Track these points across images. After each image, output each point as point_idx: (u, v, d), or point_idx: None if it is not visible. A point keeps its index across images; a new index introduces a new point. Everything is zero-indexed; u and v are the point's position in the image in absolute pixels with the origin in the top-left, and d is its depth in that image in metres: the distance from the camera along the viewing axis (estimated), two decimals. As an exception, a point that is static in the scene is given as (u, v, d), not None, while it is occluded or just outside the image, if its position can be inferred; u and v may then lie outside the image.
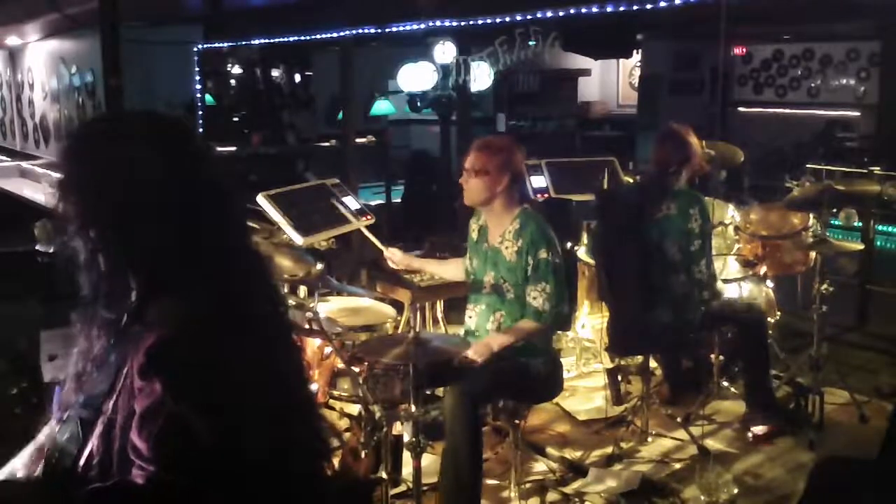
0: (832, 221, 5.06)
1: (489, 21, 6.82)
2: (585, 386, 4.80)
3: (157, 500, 1.32)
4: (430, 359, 2.91)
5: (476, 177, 3.42)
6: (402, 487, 3.46)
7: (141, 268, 1.44)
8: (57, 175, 1.48)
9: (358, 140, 9.42)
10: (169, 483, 1.32)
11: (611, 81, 13.57)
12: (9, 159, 14.59)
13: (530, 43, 6.44)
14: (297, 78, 12.23)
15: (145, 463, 1.33)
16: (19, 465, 1.63)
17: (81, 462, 1.44)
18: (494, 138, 3.61)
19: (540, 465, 3.89)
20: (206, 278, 1.45)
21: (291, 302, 3.44)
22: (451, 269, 3.87)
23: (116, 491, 1.36)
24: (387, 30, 7.87)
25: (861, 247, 4.90)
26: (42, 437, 1.66)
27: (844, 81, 10.40)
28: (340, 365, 3.31)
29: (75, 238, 1.44)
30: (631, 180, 5.09)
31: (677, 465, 3.87)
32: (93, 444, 1.44)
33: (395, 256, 3.84)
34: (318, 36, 9.03)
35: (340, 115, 9.93)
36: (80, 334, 1.50)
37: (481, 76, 7.17)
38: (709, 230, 4.12)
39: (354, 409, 3.53)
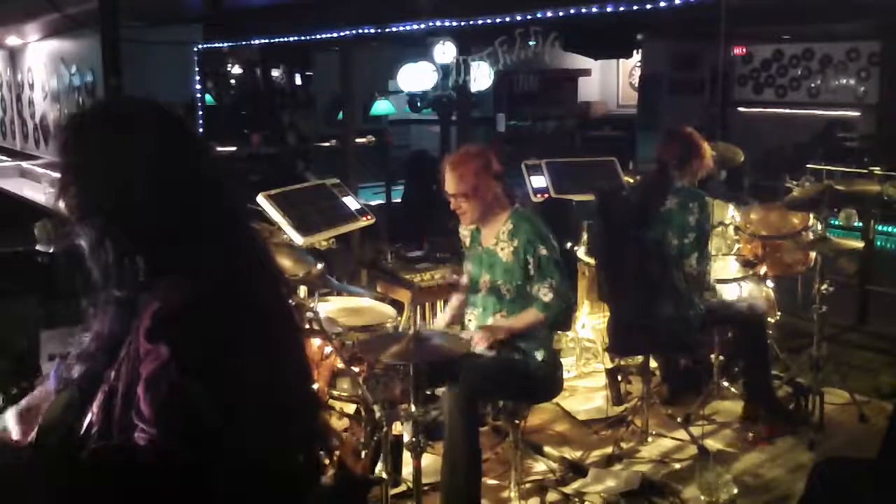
0: (832, 221, 5.06)
1: (489, 21, 6.83)
2: (585, 386, 4.81)
3: (157, 464, 1.33)
4: (430, 357, 2.91)
5: (467, 199, 3.40)
6: (402, 487, 3.46)
7: (146, 249, 1.46)
8: (58, 168, 1.49)
9: (358, 140, 9.42)
10: (170, 450, 1.33)
11: (611, 81, 13.58)
12: (9, 159, 14.57)
13: (530, 43, 6.44)
14: (297, 78, 12.23)
15: (148, 427, 1.34)
16: (9, 419, 1.63)
17: (81, 431, 1.45)
18: (462, 153, 3.47)
19: (540, 465, 3.89)
20: (208, 258, 1.47)
21: (291, 302, 3.44)
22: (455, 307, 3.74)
23: (118, 449, 1.38)
24: (387, 30, 7.87)
25: (861, 245, 4.90)
26: (26, 400, 1.67)
27: (844, 81, 10.39)
28: (340, 365, 3.30)
29: (81, 226, 1.46)
30: (631, 180, 5.09)
31: (677, 465, 3.88)
32: (93, 413, 1.45)
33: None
34: (318, 36, 9.03)
35: (340, 115, 9.93)
36: (93, 318, 1.51)
37: (481, 76, 7.17)
38: (706, 226, 4.11)
39: (354, 409, 3.53)
